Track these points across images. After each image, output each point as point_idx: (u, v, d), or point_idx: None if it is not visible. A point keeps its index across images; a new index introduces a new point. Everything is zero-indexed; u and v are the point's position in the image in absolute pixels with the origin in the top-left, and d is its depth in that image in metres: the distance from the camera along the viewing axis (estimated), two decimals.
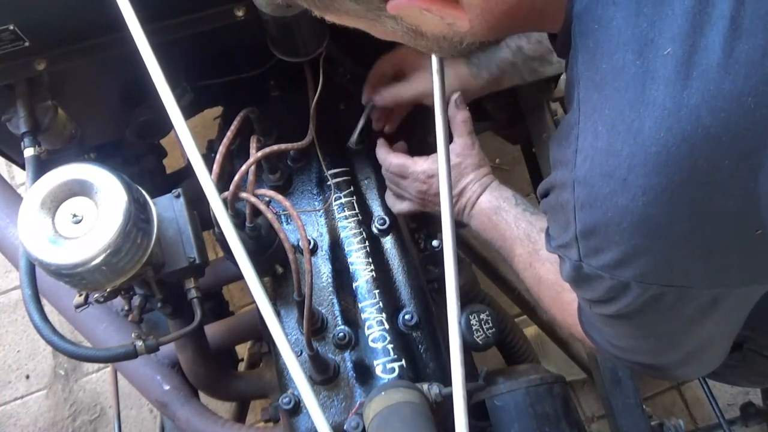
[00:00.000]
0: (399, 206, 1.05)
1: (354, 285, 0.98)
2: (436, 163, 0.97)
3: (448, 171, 0.82)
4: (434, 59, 0.85)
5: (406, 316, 0.95)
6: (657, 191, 0.54)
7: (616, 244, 0.58)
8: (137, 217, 0.79)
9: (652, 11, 0.52)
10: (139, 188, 0.84)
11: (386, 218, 1.03)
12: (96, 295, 0.87)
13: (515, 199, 0.96)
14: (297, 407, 0.90)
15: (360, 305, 0.97)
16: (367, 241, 1.01)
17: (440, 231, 0.82)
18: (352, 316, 0.96)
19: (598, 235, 0.59)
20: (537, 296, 0.91)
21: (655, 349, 0.74)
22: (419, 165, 0.99)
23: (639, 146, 0.53)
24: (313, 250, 1.01)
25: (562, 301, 0.83)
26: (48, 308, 0.91)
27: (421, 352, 0.94)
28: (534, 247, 0.89)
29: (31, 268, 0.87)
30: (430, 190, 0.99)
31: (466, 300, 1.15)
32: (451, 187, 0.84)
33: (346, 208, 1.04)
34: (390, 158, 1.02)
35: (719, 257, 0.59)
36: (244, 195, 0.86)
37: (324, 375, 0.91)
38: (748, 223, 0.55)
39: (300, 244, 0.91)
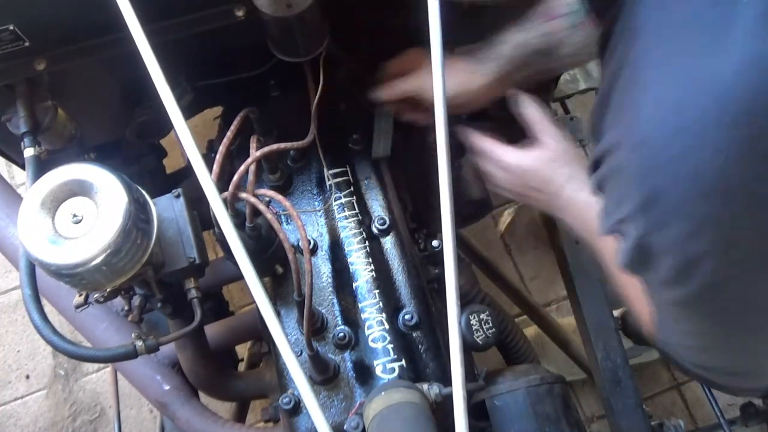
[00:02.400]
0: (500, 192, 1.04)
1: (354, 285, 0.98)
2: (528, 157, 0.96)
3: (448, 169, 0.82)
4: (434, 56, 0.85)
5: (406, 316, 0.95)
6: (733, 148, 0.48)
7: (684, 215, 0.53)
8: (137, 217, 0.79)
9: None
10: (139, 188, 0.84)
11: (386, 218, 1.03)
12: (96, 295, 0.87)
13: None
14: (297, 407, 0.90)
15: (360, 305, 0.97)
16: (367, 241, 1.01)
17: (440, 231, 0.82)
18: (352, 316, 0.96)
19: (663, 203, 0.53)
20: (624, 296, 0.85)
21: (733, 347, 0.67)
22: (509, 156, 0.98)
23: (714, 100, 0.49)
24: (313, 250, 1.01)
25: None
26: (48, 308, 0.91)
27: (421, 352, 0.94)
28: None
29: (31, 268, 0.87)
30: (528, 183, 0.97)
31: (466, 300, 1.15)
32: (451, 187, 0.84)
33: (346, 208, 1.04)
34: (483, 142, 1.00)
35: None
36: (244, 195, 0.86)
37: (324, 375, 0.91)
38: None
39: (300, 244, 0.91)
